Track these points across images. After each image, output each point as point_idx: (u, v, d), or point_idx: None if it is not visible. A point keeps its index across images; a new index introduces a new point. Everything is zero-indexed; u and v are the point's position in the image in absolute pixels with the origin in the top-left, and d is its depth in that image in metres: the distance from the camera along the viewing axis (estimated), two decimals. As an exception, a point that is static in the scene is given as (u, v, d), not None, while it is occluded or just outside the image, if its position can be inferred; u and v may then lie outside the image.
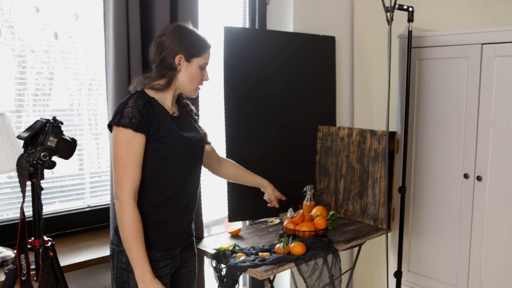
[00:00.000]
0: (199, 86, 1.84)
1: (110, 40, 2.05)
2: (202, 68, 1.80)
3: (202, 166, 2.12)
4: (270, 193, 2.34)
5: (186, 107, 1.93)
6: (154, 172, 1.72)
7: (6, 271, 1.60)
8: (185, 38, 1.75)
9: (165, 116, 1.74)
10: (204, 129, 1.98)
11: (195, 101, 2.28)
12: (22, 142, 1.60)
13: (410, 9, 2.29)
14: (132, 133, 1.65)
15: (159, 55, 1.75)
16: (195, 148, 1.84)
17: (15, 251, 1.54)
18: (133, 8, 2.06)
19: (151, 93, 1.75)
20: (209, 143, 2.00)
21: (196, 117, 1.98)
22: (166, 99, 1.79)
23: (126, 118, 1.65)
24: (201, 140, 1.89)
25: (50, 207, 2.25)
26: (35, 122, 1.61)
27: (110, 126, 1.70)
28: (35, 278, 1.61)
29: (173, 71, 1.76)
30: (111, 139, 1.69)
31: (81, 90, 2.30)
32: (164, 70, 1.75)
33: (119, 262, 1.75)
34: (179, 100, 1.91)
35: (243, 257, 2.07)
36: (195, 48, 1.76)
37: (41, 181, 1.60)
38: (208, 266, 2.28)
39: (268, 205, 2.40)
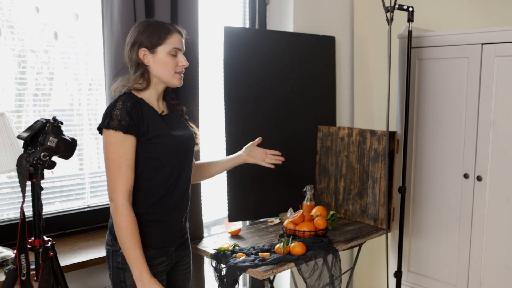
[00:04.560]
0: (178, 73, 1.78)
1: (112, 40, 2.05)
2: (173, 54, 1.76)
3: None
4: (256, 154, 2.18)
5: (176, 106, 1.92)
6: (146, 172, 1.72)
7: (6, 271, 1.60)
8: (143, 31, 1.74)
9: (154, 116, 1.74)
10: (196, 130, 1.96)
11: (195, 100, 2.28)
12: (22, 142, 1.59)
13: (410, 9, 2.29)
14: (122, 136, 1.65)
15: (128, 56, 1.77)
16: (185, 146, 1.83)
17: (15, 251, 1.54)
18: (138, 8, 2.06)
19: (137, 94, 1.76)
20: (197, 144, 1.94)
21: (186, 116, 1.95)
22: (151, 98, 1.78)
23: (116, 120, 1.65)
24: (191, 137, 1.87)
25: (50, 207, 2.25)
26: (35, 122, 1.61)
27: (100, 129, 1.70)
28: (35, 278, 1.61)
29: (143, 66, 1.75)
30: (103, 142, 1.69)
31: (81, 90, 2.30)
32: (137, 68, 1.76)
33: (114, 262, 1.75)
34: (167, 98, 1.89)
35: (243, 257, 2.07)
36: (155, 37, 1.73)
37: (41, 181, 1.60)
38: (208, 266, 2.28)
39: (266, 162, 2.20)
